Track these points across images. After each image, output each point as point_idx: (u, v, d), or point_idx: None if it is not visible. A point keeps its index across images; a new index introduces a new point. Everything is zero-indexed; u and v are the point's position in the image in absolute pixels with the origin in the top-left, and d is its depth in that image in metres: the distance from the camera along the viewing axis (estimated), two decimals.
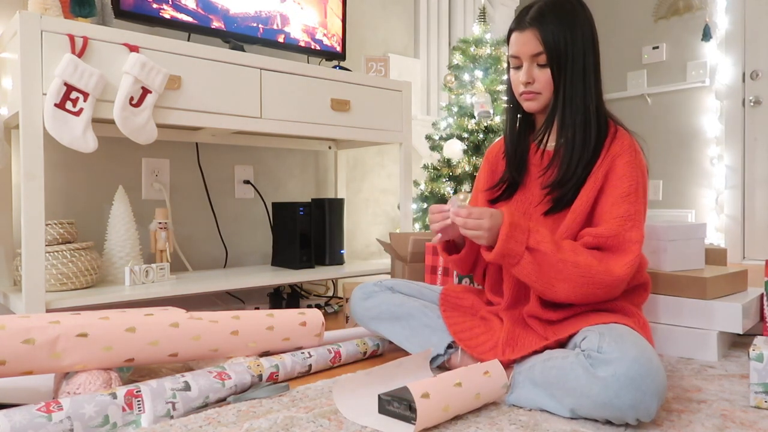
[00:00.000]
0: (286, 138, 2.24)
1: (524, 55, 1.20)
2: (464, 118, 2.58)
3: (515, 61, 1.23)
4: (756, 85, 3.29)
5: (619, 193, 1.15)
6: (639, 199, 1.15)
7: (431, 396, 0.95)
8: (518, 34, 1.21)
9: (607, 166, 1.17)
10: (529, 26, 1.18)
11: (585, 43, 1.20)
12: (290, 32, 2.09)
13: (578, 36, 1.19)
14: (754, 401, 1.08)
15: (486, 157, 1.41)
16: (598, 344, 0.99)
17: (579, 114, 1.19)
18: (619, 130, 1.22)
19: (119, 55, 1.51)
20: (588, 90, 1.20)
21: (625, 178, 1.16)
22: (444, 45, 3.15)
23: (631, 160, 1.17)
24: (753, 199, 3.28)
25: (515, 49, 1.21)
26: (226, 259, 2.16)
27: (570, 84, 1.19)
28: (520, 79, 1.22)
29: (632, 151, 1.18)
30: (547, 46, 1.17)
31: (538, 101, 1.23)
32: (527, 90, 1.22)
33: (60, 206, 1.82)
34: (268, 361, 1.23)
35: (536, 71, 1.20)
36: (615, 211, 1.14)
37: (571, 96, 1.19)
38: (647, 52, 3.65)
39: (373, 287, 1.45)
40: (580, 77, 1.19)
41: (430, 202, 2.58)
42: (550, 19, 1.17)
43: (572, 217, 1.18)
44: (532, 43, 1.18)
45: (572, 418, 1.01)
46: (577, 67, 1.18)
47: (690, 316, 1.45)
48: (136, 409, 0.99)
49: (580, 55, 1.19)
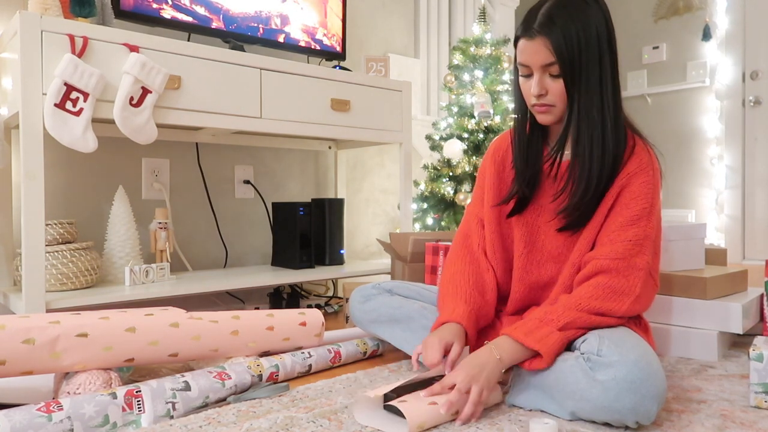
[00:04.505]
0: (286, 138, 2.24)
1: (534, 65, 1.08)
2: (464, 118, 2.58)
3: (525, 69, 1.11)
4: (756, 85, 3.29)
5: (629, 214, 1.09)
6: (651, 223, 1.09)
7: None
8: (527, 42, 1.08)
9: (621, 185, 1.10)
10: (538, 34, 1.06)
11: (601, 44, 1.08)
12: (290, 32, 2.09)
13: (593, 36, 1.06)
14: (754, 401, 1.08)
15: (492, 158, 1.29)
16: (597, 347, 0.98)
17: (596, 129, 1.08)
18: (638, 144, 1.13)
19: (119, 55, 1.51)
20: (606, 101, 1.09)
21: (639, 199, 1.09)
22: (444, 45, 3.15)
23: (648, 180, 1.10)
24: (753, 199, 3.28)
25: (524, 58, 1.10)
26: (226, 259, 2.16)
27: (585, 95, 1.08)
28: (532, 91, 1.10)
29: (650, 169, 1.10)
30: (559, 57, 1.05)
31: (552, 114, 1.12)
32: (540, 102, 1.11)
33: (60, 206, 1.82)
34: (268, 361, 1.23)
35: (549, 82, 1.09)
36: (624, 234, 1.08)
37: (587, 109, 1.08)
38: (647, 52, 3.65)
39: (372, 290, 1.44)
40: (597, 87, 1.08)
41: (430, 202, 2.59)
42: (560, 23, 1.05)
43: (584, 243, 1.14)
44: (542, 53, 1.07)
45: (572, 420, 1.01)
46: (593, 77, 1.07)
47: (690, 316, 1.45)
48: (136, 409, 0.99)
49: (596, 60, 1.07)
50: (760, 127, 3.27)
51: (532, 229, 1.22)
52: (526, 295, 1.24)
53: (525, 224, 1.23)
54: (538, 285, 1.23)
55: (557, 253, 1.20)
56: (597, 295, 1.06)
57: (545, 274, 1.21)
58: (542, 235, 1.21)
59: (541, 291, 1.23)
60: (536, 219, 1.22)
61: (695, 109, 3.49)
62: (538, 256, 1.22)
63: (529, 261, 1.23)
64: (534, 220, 1.22)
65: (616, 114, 1.10)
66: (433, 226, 2.57)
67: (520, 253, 1.24)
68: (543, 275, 1.21)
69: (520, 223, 1.24)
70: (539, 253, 1.22)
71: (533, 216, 1.22)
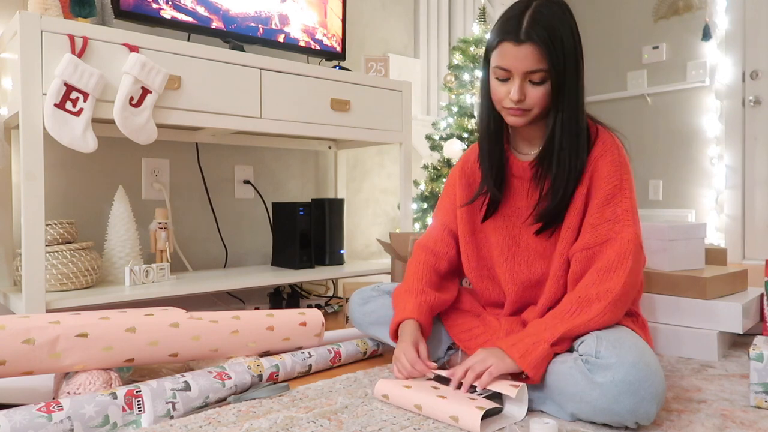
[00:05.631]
0: (286, 138, 2.24)
1: (518, 70, 1.07)
2: (464, 118, 2.58)
3: (503, 74, 1.09)
4: (756, 85, 3.29)
5: (604, 194, 1.11)
6: (625, 197, 1.11)
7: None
8: (512, 46, 1.06)
9: (590, 170, 1.13)
10: (527, 40, 1.05)
11: (578, 50, 1.09)
12: (290, 32, 2.09)
13: (572, 46, 1.08)
14: (754, 401, 1.08)
15: (461, 170, 1.31)
16: (595, 349, 0.98)
17: (575, 136, 1.11)
18: (599, 129, 1.17)
19: (119, 55, 1.51)
20: (581, 106, 1.12)
21: (610, 177, 1.12)
22: (444, 45, 3.15)
23: (614, 159, 1.13)
24: (753, 199, 3.28)
25: (507, 63, 1.08)
26: (226, 259, 2.16)
27: (568, 104, 1.10)
28: (511, 96, 1.09)
29: (614, 148, 1.14)
30: (552, 65, 1.06)
31: (526, 117, 1.12)
32: (517, 107, 1.11)
33: (60, 206, 1.82)
34: (268, 361, 1.23)
35: (529, 87, 1.09)
36: (603, 215, 1.11)
37: (569, 117, 1.10)
38: (647, 51, 3.65)
39: (371, 292, 1.44)
40: (575, 94, 1.10)
41: (430, 202, 2.59)
42: (550, 32, 1.05)
43: (568, 233, 1.15)
44: (529, 60, 1.06)
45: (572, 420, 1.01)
46: (573, 83, 1.09)
47: (690, 316, 1.45)
48: (136, 409, 0.99)
49: (575, 66, 1.09)
50: (760, 127, 3.27)
51: (511, 232, 1.23)
52: (521, 295, 1.24)
53: (503, 228, 1.24)
54: (530, 283, 1.22)
55: (542, 248, 1.20)
56: (594, 280, 1.07)
57: (536, 271, 1.21)
58: (524, 235, 1.22)
59: (534, 288, 1.23)
60: (514, 220, 1.23)
61: (695, 108, 3.48)
62: (525, 256, 1.22)
63: (516, 262, 1.23)
64: (513, 222, 1.23)
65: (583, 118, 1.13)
66: None
67: (504, 257, 1.24)
68: (534, 273, 1.21)
69: (497, 229, 1.24)
70: (525, 253, 1.22)
71: (511, 218, 1.23)
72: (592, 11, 3.87)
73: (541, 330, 1.05)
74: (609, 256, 1.08)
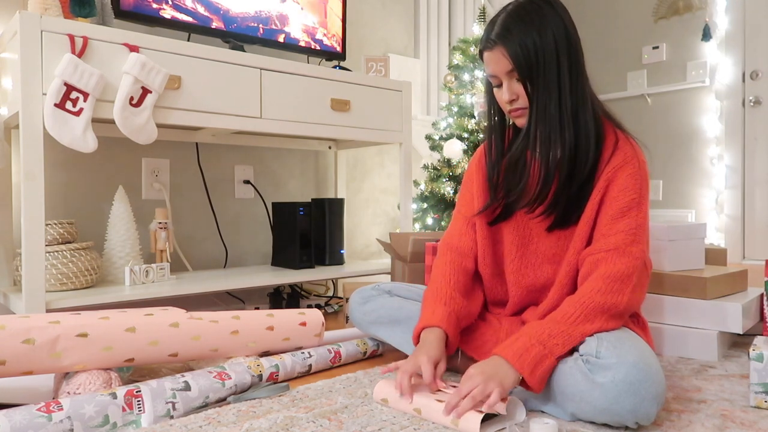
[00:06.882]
0: (286, 138, 2.24)
1: (500, 73, 1.12)
2: (464, 118, 2.58)
3: (494, 79, 1.15)
4: (756, 85, 3.29)
5: (619, 206, 1.10)
6: (641, 213, 1.10)
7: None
8: (488, 53, 1.13)
9: (607, 179, 1.12)
10: (495, 44, 1.10)
11: (558, 44, 1.09)
12: (290, 32, 2.09)
13: (549, 39, 1.09)
14: (754, 401, 1.08)
15: (477, 165, 1.30)
16: (596, 349, 0.98)
17: (554, 124, 1.11)
18: (620, 139, 1.14)
19: (119, 55, 1.51)
20: (563, 96, 1.10)
21: (627, 190, 1.10)
22: (444, 45, 3.15)
23: (635, 172, 1.11)
24: (753, 199, 3.28)
25: (490, 69, 1.14)
26: (226, 259, 2.16)
27: (543, 94, 1.10)
28: (504, 97, 1.14)
29: (635, 161, 1.12)
30: (515, 62, 1.09)
31: (526, 116, 1.14)
32: (514, 108, 1.14)
33: (60, 206, 1.82)
34: (268, 361, 1.23)
35: (516, 87, 1.12)
36: (616, 226, 1.09)
37: (544, 107, 1.10)
38: (647, 52, 3.65)
39: (371, 291, 1.43)
40: (555, 84, 1.10)
41: (430, 202, 2.59)
42: (515, 31, 1.08)
43: (578, 239, 1.14)
44: (502, 62, 1.10)
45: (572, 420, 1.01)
46: (550, 75, 1.09)
47: (690, 316, 1.45)
48: (136, 409, 0.99)
49: (553, 59, 1.09)
50: (760, 127, 3.27)
51: (523, 232, 1.22)
52: (524, 298, 1.24)
53: (515, 228, 1.23)
54: (535, 287, 1.22)
55: (552, 253, 1.19)
56: (599, 288, 1.05)
57: (542, 275, 1.21)
58: (535, 237, 1.21)
59: (539, 293, 1.23)
60: (527, 222, 1.22)
61: (695, 109, 3.48)
62: (533, 259, 1.22)
63: (523, 264, 1.23)
64: (525, 222, 1.22)
65: (578, 107, 1.12)
66: (433, 226, 2.57)
67: (513, 257, 1.23)
68: (540, 277, 1.21)
69: (510, 228, 1.24)
70: (533, 256, 1.22)
71: (523, 219, 1.22)
72: (592, 11, 3.87)
73: (545, 338, 1.01)
74: (618, 266, 1.06)
